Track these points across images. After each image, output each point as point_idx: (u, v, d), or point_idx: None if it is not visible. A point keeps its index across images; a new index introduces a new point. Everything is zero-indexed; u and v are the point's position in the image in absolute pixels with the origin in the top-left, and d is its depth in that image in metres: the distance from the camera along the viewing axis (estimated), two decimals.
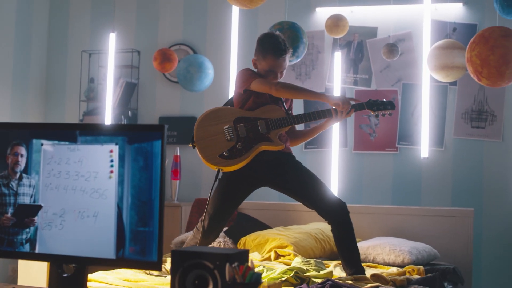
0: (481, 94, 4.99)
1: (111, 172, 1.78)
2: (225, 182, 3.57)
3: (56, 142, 1.83)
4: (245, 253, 1.79)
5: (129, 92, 5.76)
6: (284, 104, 3.61)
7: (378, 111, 3.52)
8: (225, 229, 4.58)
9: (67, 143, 1.82)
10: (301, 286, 2.92)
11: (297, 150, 5.22)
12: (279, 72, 3.51)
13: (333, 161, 5.17)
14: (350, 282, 3.16)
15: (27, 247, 1.86)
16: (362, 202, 5.14)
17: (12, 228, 1.87)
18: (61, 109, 6.03)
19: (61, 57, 6.08)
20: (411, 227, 4.62)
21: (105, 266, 1.81)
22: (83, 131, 1.81)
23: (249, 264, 1.73)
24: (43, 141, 1.84)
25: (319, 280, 3.08)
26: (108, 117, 5.53)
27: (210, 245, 3.68)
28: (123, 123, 5.66)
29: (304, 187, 3.49)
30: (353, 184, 5.22)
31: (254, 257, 4.12)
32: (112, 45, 5.44)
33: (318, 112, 3.49)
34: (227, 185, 3.56)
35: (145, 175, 1.75)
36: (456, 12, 5.07)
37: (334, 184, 5.14)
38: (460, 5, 5.04)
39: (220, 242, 4.40)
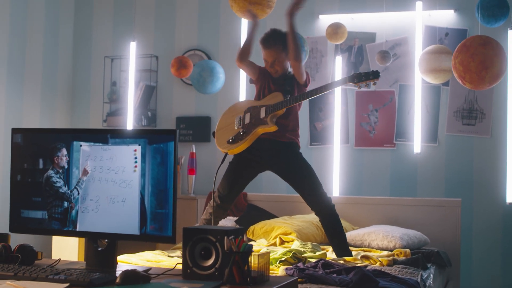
0: (471, 94, 5.42)
1: (135, 167, 2.26)
2: (233, 166, 4.10)
3: (92, 143, 2.33)
4: (240, 230, 2.27)
5: (149, 94, 6.26)
6: (289, 87, 4.04)
7: (360, 82, 3.81)
8: (235, 218, 5.08)
9: (100, 144, 2.32)
10: (297, 264, 3.39)
11: (303, 147, 5.67)
12: (268, 61, 3.99)
13: (335, 157, 5.63)
14: (341, 262, 3.63)
15: (70, 226, 2.36)
16: (362, 194, 5.59)
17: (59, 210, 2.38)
18: (86, 111, 6.55)
19: (86, 62, 6.60)
20: (405, 216, 5.07)
21: (131, 240, 2.29)
22: (113, 135, 2.31)
23: (244, 238, 2.21)
24: (82, 143, 2.33)
25: (314, 260, 3.55)
26: (129, 118, 6.05)
27: (221, 219, 4.20)
28: (143, 123, 6.17)
29: (297, 177, 3.99)
30: (354, 177, 5.67)
31: (262, 243, 4.60)
32: (132, 52, 5.96)
33: (302, 95, 3.90)
34: (235, 169, 4.10)
35: (162, 169, 2.23)
36: (448, 18, 5.49)
37: (336, 177, 5.60)
38: (451, 11, 5.46)
39: None
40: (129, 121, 6.05)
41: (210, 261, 2.23)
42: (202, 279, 2.21)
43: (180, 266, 2.33)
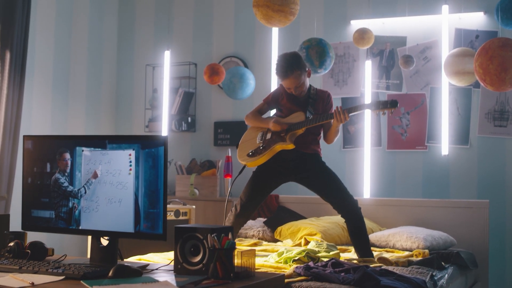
0: (502, 95, 5.41)
1: (130, 170, 2.45)
2: (257, 176, 4.24)
3: (92, 148, 2.54)
4: (227, 229, 2.43)
5: (188, 100, 6.48)
6: (311, 108, 4.17)
7: (377, 110, 3.92)
8: (264, 219, 5.23)
9: (99, 149, 2.52)
10: (309, 263, 3.51)
11: (336, 149, 5.80)
12: (290, 87, 4.09)
13: (365, 159, 5.72)
14: (355, 261, 3.73)
15: (74, 225, 2.57)
16: (395, 196, 5.65)
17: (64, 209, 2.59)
18: (129, 117, 6.83)
19: (128, 71, 6.89)
20: (433, 217, 5.11)
21: (127, 238, 2.48)
22: (111, 141, 2.51)
23: (229, 236, 2.37)
24: (84, 148, 2.55)
25: (326, 259, 3.66)
26: (164, 124, 6.32)
27: (242, 226, 4.35)
28: (183, 128, 6.40)
29: (323, 185, 4.11)
30: (387, 179, 5.73)
31: (287, 243, 4.74)
32: (167, 61, 6.23)
33: (322, 116, 4.03)
34: (258, 179, 4.23)
35: (153, 172, 2.42)
36: (478, 21, 5.50)
37: (367, 179, 5.69)
38: (481, 14, 5.46)
39: (260, 231, 5.05)
40: (164, 127, 6.31)
41: (198, 257, 2.39)
42: (191, 274, 2.38)
43: None
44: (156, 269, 2.49)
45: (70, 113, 6.28)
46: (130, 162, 2.45)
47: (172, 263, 2.53)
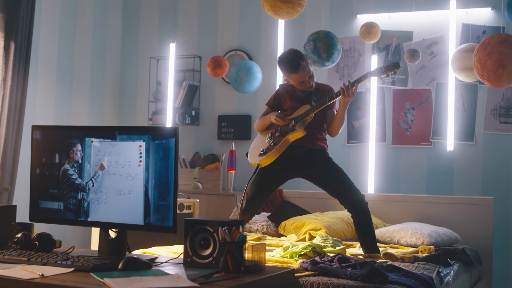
0: (509, 92, 5.38)
1: (140, 161, 2.43)
2: (263, 171, 4.21)
3: (102, 139, 2.51)
4: (237, 222, 2.40)
5: (192, 94, 6.46)
6: (316, 98, 4.15)
7: (381, 74, 3.95)
8: (268, 214, 5.21)
9: (109, 140, 2.50)
10: (315, 258, 3.49)
11: (341, 145, 5.78)
12: (304, 81, 4.06)
13: (370, 155, 5.70)
14: (361, 257, 3.71)
15: (83, 217, 2.55)
16: (399, 192, 5.63)
17: (72, 201, 2.57)
18: (133, 110, 6.81)
19: (133, 63, 6.86)
20: (437, 213, 5.09)
21: (136, 230, 2.46)
22: (121, 131, 2.49)
23: (239, 229, 2.35)
24: (93, 139, 2.52)
25: (332, 254, 3.64)
26: (169, 117, 6.29)
27: (247, 222, 4.33)
28: (187, 121, 6.38)
29: (330, 179, 4.09)
30: (391, 175, 5.71)
31: (292, 238, 4.72)
32: (172, 53, 6.19)
33: (328, 98, 4.02)
34: (264, 174, 4.20)
35: (164, 163, 2.39)
36: (485, 16, 5.47)
37: (371, 175, 5.67)
38: (488, 9, 5.44)
39: (264, 226, 5.03)
40: (168, 120, 6.29)
41: (208, 251, 2.37)
42: (201, 267, 2.36)
43: None
44: (165, 262, 2.47)
45: (74, 105, 6.25)
46: (140, 153, 2.43)
47: (181, 256, 2.51)
